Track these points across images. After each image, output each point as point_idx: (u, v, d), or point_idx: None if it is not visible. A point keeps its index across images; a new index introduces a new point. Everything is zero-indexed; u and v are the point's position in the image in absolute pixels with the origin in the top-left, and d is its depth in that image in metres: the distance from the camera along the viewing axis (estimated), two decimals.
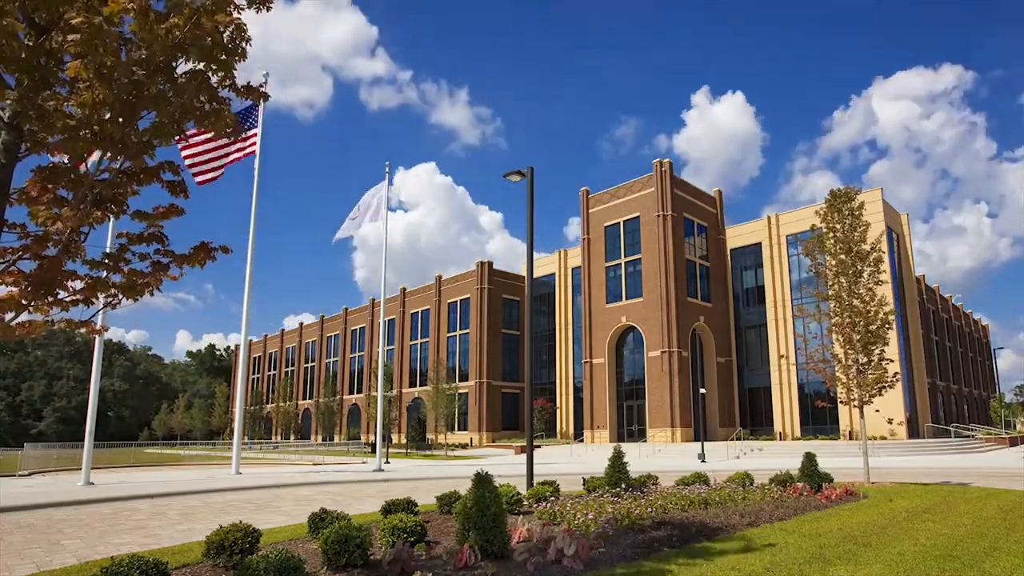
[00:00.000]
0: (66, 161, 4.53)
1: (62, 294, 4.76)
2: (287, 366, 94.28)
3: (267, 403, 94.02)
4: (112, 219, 5.26)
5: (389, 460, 36.88)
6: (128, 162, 4.58)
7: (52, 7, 3.70)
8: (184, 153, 20.67)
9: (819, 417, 45.74)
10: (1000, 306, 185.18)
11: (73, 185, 4.49)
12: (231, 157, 21.83)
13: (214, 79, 4.41)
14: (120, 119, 4.12)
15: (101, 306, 5.18)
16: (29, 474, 29.94)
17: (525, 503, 11.46)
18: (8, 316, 4.58)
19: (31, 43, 3.86)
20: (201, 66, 4.32)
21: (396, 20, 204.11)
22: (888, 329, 17.77)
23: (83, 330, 5.35)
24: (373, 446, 44.24)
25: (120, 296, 5.10)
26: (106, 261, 5.05)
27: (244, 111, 23.01)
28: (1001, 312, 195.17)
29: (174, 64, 4.22)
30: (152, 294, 5.16)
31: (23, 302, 4.54)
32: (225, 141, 21.89)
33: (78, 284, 4.88)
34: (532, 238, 15.85)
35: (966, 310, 76.40)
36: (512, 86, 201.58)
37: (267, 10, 4.52)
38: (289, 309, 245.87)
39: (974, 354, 75.45)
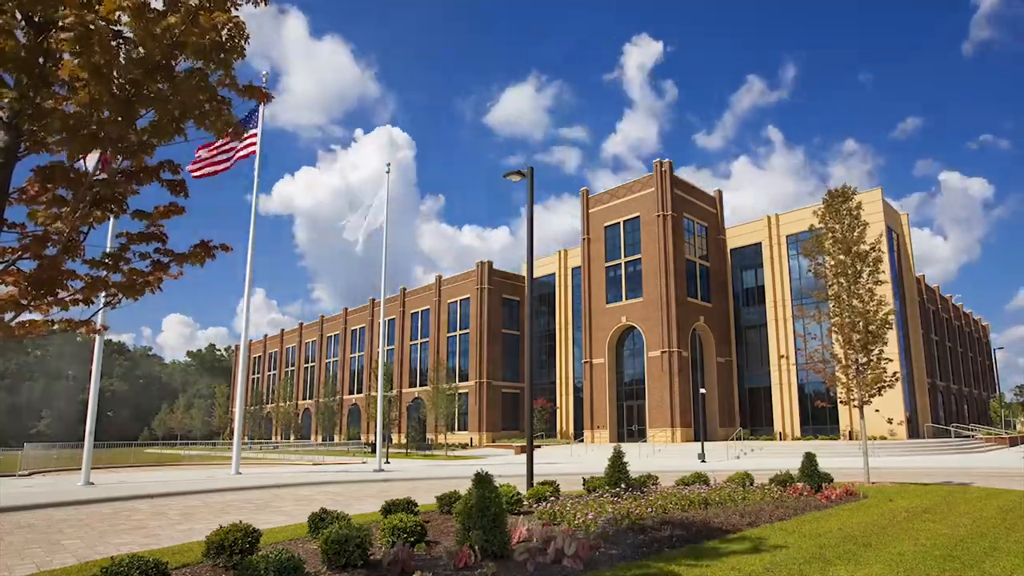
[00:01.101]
0: (65, 161, 4.52)
1: (62, 294, 4.75)
2: (287, 366, 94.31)
3: (267, 403, 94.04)
4: (112, 219, 5.24)
5: (389, 460, 36.88)
6: (127, 161, 4.57)
7: (48, 5, 3.69)
8: (198, 154, 20.90)
9: (819, 417, 45.73)
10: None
11: (72, 185, 4.48)
12: (233, 158, 21.84)
13: (213, 78, 4.41)
14: (119, 118, 4.11)
15: (101, 306, 5.17)
16: (29, 474, 29.92)
17: (525, 503, 11.46)
18: (8, 316, 4.57)
19: (29, 42, 3.85)
20: (200, 65, 4.31)
21: None
22: (888, 329, 17.78)
23: (82, 330, 5.34)
24: (373, 446, 44.24)
25: (120, 295, 5.10)
26: (106, 261, 5.04)
27: (246, 116, 23.07)
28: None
29: (173, 63, 4.21)
30: (153, 292, 5.15)
31: (23, 302, 4.53)
32: (226, 140, 21.93)
33: (78, 284, 4.87)
34: (532, 239, 15.86)
35: (966, 310, 76.44)
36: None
37: (264, 4, 4.51)
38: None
39: (974, 354, 75.44)
